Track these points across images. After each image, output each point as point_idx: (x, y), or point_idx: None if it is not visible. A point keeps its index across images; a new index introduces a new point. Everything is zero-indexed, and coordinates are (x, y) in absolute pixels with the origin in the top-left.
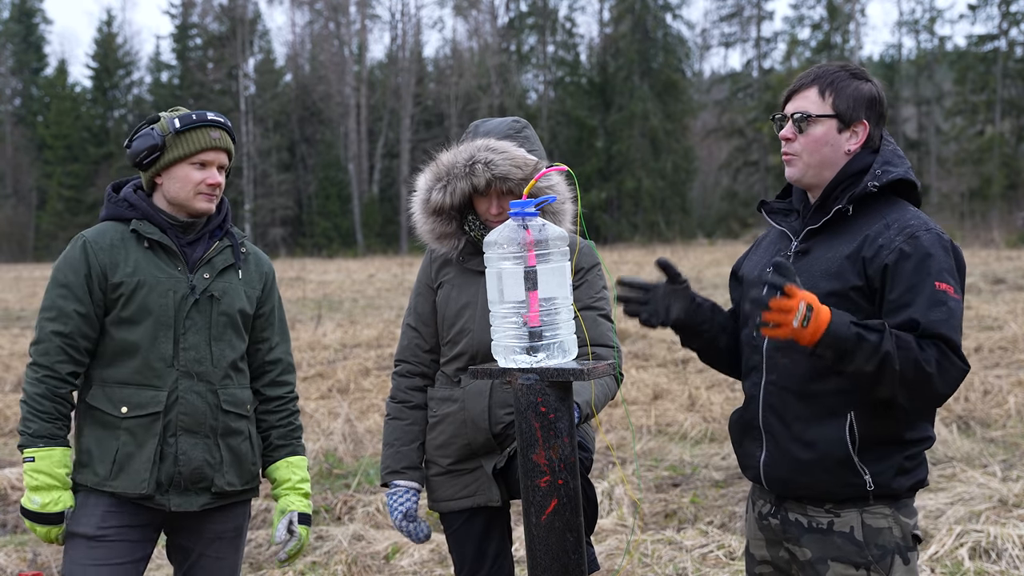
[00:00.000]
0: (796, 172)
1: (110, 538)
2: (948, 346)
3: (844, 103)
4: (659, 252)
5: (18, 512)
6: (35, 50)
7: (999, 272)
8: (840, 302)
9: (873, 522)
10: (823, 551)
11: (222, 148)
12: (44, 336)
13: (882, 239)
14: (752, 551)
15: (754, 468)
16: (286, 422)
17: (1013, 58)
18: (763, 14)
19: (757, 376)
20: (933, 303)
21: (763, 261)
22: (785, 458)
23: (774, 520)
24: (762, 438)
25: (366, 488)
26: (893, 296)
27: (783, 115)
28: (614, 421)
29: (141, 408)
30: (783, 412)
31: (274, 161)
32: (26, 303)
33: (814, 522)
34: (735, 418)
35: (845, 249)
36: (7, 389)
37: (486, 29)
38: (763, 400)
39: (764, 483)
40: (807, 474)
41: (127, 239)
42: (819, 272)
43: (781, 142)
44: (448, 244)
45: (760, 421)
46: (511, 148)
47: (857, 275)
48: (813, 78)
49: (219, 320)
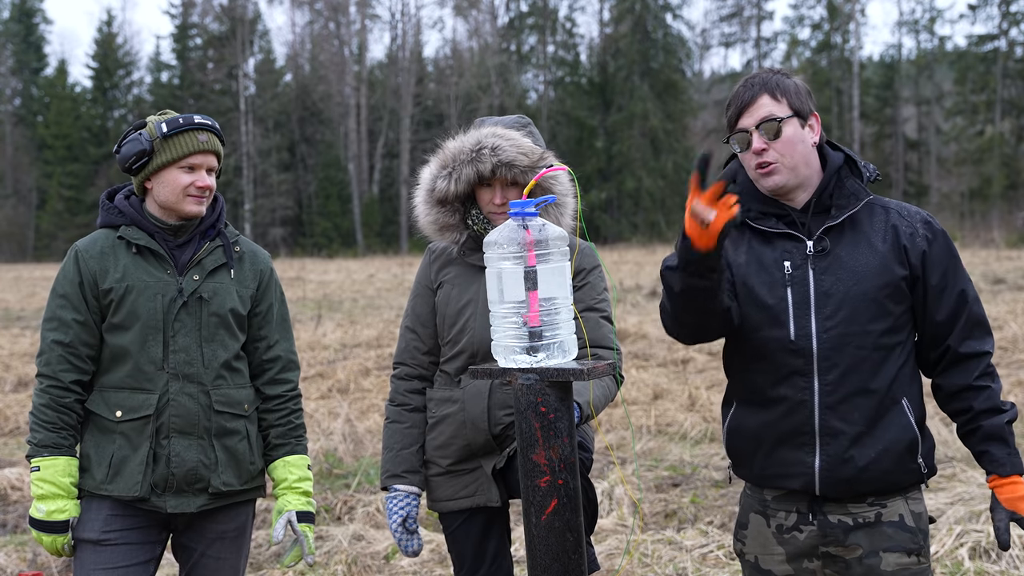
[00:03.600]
0: (781, 179)
1: (114, 542)
2: (989, 331)
3: (795, 100)
4: (659, 252)
5: (18, 512)
6: (35, 50)
7: (999, 272)
8: (894, 292)
9: (916, 507)
10: (874, 544)
11: (210, 151)
12: (46, 347)
13: (906, 227)
14: (766, 567)
15: (805, 476)
16: (285, 421)
17: (1013, 58)
18: (763, 14)
19: (804, 380)
20: (966, 280)
21: (770, 265)
22: (848, 459)
23: (808, 528)
24: (815, 443)
25: (366, 488)
26: (935, 280)
27: (744, 130)
28: (614, 421)
29: (134, 412)
30: (847, 411)
31: (274, 161)
32: (26, 303)
33: (859, 518)
34: (758, 426)
35: (879, 242)
36: (7, 389)
37: (486, 29)
38: (819, 402)
39: (818, 489)
40: (874, 469)
41: (116, 246)
42: (862, 266)
43: (751, 157)
44: (450, 237)
45: (816, 425)
46: (518, 136)
47: (901, 265)
48: (758, 87)
49: (209, 321)
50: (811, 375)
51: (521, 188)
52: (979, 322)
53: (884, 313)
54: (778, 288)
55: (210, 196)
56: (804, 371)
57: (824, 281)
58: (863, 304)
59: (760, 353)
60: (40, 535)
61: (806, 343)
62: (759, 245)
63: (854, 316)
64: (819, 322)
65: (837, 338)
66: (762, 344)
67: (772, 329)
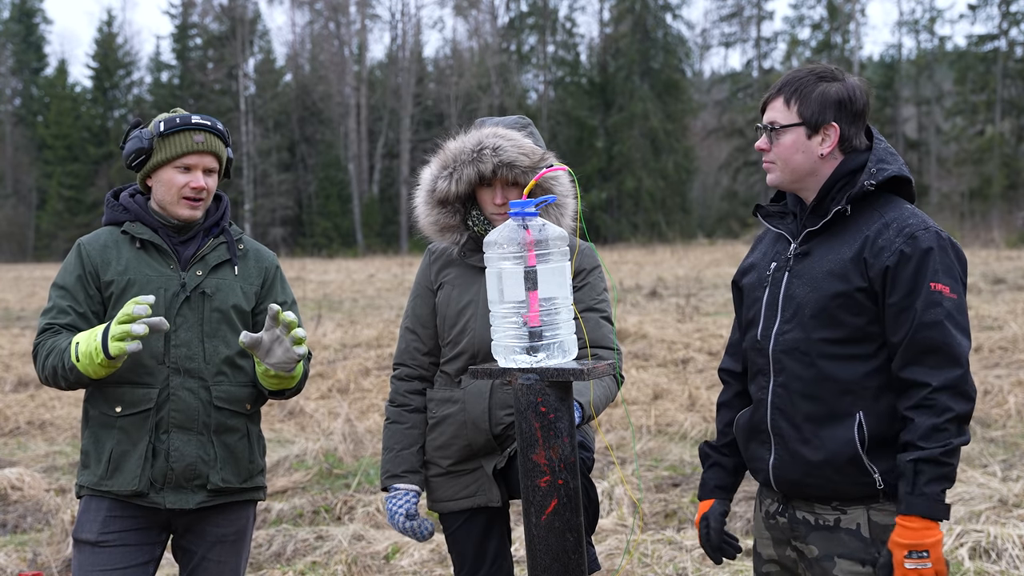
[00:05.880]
0: (774, 178)
1: (111, 543)
2: (949, 362)
3: (809, 109)
4: (659, 252)
5: (18, 512)
6: (35, 50)
7: (999, 272)
8: (846, 302)
9: (880, 519)
10: (829, 548)
11: (207, 151)
12: (40, 327)
13: (882, 240)
14: (759, 550)
15: (763, 471)
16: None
17: (1013, 58)
18: (763, 14)
19: (764, 380)
20: (929, 304)
21: (762, 264)
22: (795, 460)
23: (781, 519)
24: (771, 441)
25: (366, 488)
26: (894, 299)
27: (760, 126)
28: (614, 421)
29: (134, 406)
30: (792, 414)
31: (274, 161)
32: (26, 303)
33: (820, 519)
34: (741, 422)
35: (847, 251)
36: (7, 389)
37: (486, 29)
38: (771, 403)
39: (774, 485)
40: (817, 475)
41: (120, 240)
42: (823, 273)
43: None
44: (450, 238)
45: (768, 424)
46: (519, 137)
47: (861, 277)
48: (780, 87)
49: (212, 316)
50: (768, 375)
51: (522, 189)
52: (932, 349)
53: (835, 323)
54: (759, 288)
55: (209, 197)
56: (765, 371)
57: (792, 285)
58: (813, 311)
59: (746, 353)
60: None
61: (766, 344)
62: (768, 243)
63: (804, 322)
64: (779, 325)
65: (788, 342)
66: (746, 344)
67: (750, 329)
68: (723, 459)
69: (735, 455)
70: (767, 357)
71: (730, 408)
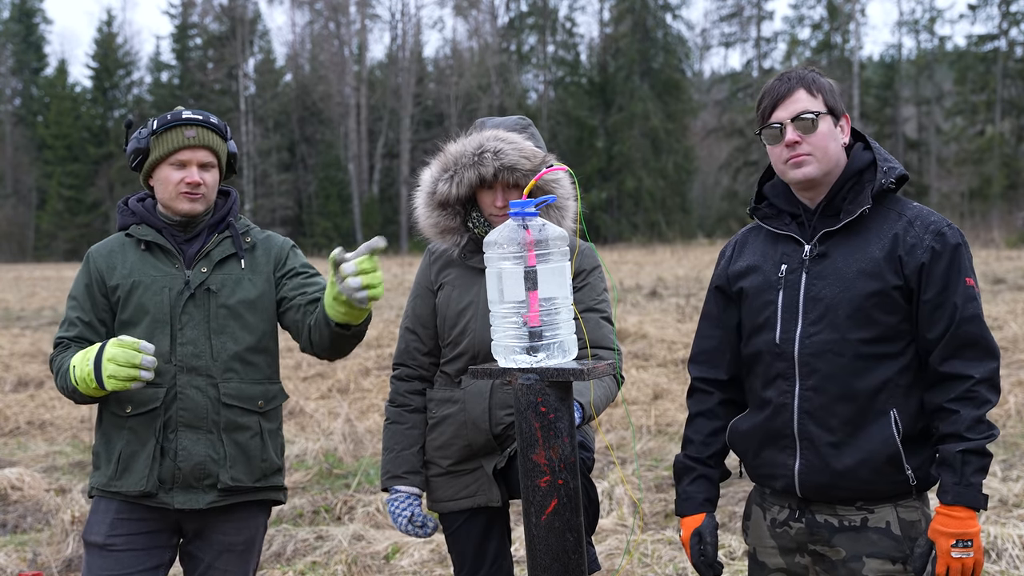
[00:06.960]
0: (813, 170)
1: (118, 547)
2: (988, 354)
3: (830, 98)
4: (659, 252)
5: (17, 512)
6: (35, 50)
7: (999, 272)
8: (881, 301)
9: (907, 515)
10: (857, 548)
11: (200, 146)
12: (54, 341)
13: (911, 237)
14: (762, 559)
15: (785, 477)
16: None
17: (1013, 58)
18: (763, 14)
19: (786, 384)
20: (966, 299)
21: (767, 266)
22: (826, 464)
23: (797, 524)
24: (795, 446)
25: (366, 488)
26: (929, 296)
27: (778, 123)
28: (614, 421)
29: (142, 405)
30: (824, 418)
31: (274, 161)
32: (26, 303)
33: (845, 521)
34: (748, 428)
35: (876, 250)
36: (7, 389)
37: (486, 29)
38: (798, 407)
39: (798, 491)
40: (851, 477)
41: (125, 244)
42: (854, 273)
43: (782, 150)
44: (451, 240)
45: (795, 429)
46: (520, 140)
47: (896, 275)
48: (795, 82)
49: (219, 313)
50: (793, 379)
51: (522, 191)
52: (971, 343)
53: (870, 322)
54: (770, 291)
55: (209, 192)
56: (787, 375)
57: (815, 286)
58: (847, 311)
59: (754, 356)
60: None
61: (789, 347)
62: (765, 244)
63: (837, 323)
64: (804, 327)
65: (818, 344)
66: (755, 347)
67: (763, 332)
68: (709, 471)
69: (720, 466)
70: (790, 360)
71: (713, 417)
